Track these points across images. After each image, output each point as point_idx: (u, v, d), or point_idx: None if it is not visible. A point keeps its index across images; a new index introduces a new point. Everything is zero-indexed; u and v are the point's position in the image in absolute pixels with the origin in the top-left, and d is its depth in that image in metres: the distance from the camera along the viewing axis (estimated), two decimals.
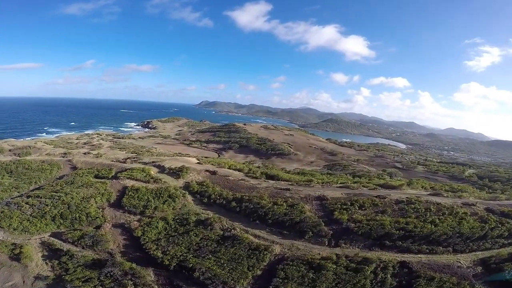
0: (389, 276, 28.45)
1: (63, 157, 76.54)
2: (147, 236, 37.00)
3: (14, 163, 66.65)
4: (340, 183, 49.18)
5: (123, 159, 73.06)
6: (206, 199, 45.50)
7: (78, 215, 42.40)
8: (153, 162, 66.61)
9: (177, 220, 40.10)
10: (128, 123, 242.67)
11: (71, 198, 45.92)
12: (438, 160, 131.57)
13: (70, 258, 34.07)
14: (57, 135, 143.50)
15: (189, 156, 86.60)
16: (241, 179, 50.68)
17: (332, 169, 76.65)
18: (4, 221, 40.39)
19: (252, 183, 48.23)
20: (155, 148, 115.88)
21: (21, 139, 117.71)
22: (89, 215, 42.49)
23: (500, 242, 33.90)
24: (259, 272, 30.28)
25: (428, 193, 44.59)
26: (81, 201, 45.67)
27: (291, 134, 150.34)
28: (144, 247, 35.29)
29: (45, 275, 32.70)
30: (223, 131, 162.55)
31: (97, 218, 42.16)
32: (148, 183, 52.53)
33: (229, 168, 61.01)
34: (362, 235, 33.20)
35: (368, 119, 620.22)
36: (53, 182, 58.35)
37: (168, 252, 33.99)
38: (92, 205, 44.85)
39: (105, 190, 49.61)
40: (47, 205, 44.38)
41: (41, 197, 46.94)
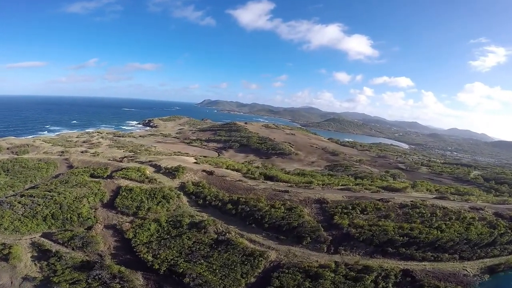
0: (390, 285, 26.82)
1: (60, 155, 75.76)
2: (138, 238, 35.73)
3: (11, 162, 65.71)
4: (342, 185, 47.29)
5: (120, 158, 71.97)
6: (201, 200, 43.94)
7: (69, 215, 41.23)
8: (150, 161, 65.27)
9: (170, 222, 38.71)
10: (129, 122, 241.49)
11: (64, 198, 44.71)
12: (442, 161, 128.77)
13: (58, 259, 33.18)
14: (58, 133, 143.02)
15: (188, 155, 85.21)
16: (239, 180, 48.99)
17: (333, 169, 74.58)
18: None
19: (250, 184, 46.52)
20: (155, 146, 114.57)
21: (22, 138, 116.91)
22: (80, 215, 41.35)
23: (509, 249, 32.33)
24: (253, 280, 28.70)
25: (434, 196, 42.56)
26: (73, 201, 44.44)
27: (292, 134, 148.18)
28: (135, 249, 34.11)
29: (33, 276, 31.88)
30: (224, 130, 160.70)
31: (88, 218, 41.08)
32: (143, 183, 51.14)
33: (227, 168, 59.38)
34: (364, 241, 31.38)
35: (370, 119, 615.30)
36: (48, 181, 57.44)
37: (159, 255, 32.76)
38: (84, 205, 43.63)
39: (98, 190, 48.34)
40: (39, 204, 43.19)
41: (34, 197, 45.73)
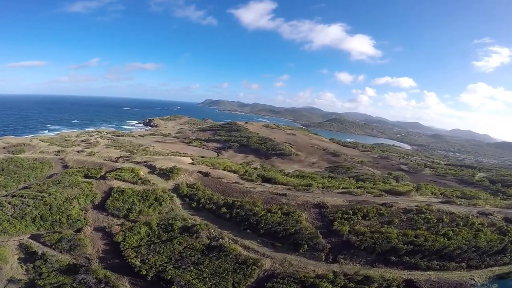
0: None
1: (56, 155, 74.90)
2: (127, 242, 34.21)
3: (6, 161, 64.65)
4: (342, 188, 45.14)
5: (115, 158, 70.52)
6: (195, 203, 42.06)
7: (58, 217, 39.94)
8: (145, 161, 63.65)
9: (162, 226, 37.03)
10: (130, 121, 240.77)
11: (54, 198, 43.42)
12: (445, 162, 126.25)
13: (44, 262, 31.98)
14: (58, 132, 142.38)
15: (185, 156, 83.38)
16: (235, 182, 47.03)
17: (334, 171, 72.30)
18: None
19: (246, 187, 44.52)
20: (153, 146, 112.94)
21: (21, 137, 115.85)
22: (69, 217, 39.98)
23: None
24: None
25: (440, 200, 40.34)
26: (63, 202, 43.09)
27: (293, 134, 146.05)
28: (123, 254, 32.62)
29: (18, 278, 30.77)
30: (224, 129, 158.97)
31: (78, 220, 39.68)
32: (136, 184, 49.48)
33: (223, 169, 57.43)
34: (365, 249, 29.28)
35: (372, 119, 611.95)
36: (42, 181, 56.41)
37: (147, 260, 31.21)
38: (74, 206, 42.26)
39: (90, 191, 46.94)
40: (28, 205, 41.81)
41: (24, 197, 44.38)
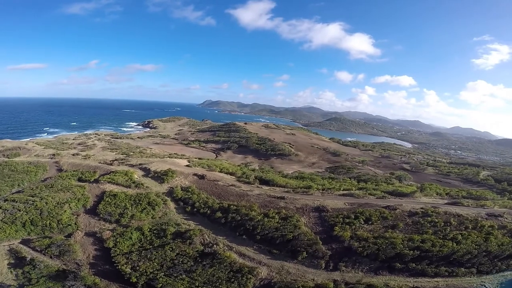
0: None
1: (51, 158, 73.46)
2: (118, 248, 32.86)
3: (0, 165, 63.34)
4: (343, 190, 43.18)
5: (110, 161, 69.01)
6: (189, 207, 40.28)
7: (49, 222, 38.71)
8: (140, 164, 61.92)
9: (154, 231, 35.50)
10: (129, 123, 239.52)
11: (45, 203, 42.11)
12: (447, 161, 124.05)
13: (33, 268, 31.06)
14: (56, 135, 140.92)
15: (182, 158, 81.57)
16: (231, 185, 45.17)
17: (335, 172, 70.21)
18: None
19: (243, 190, 42.65)
20: (150, 148, 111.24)
21: (18, 140, 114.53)
22: (60, 222, 38.80)
23: None
24: None
25: (446, 201, 38.34)
26: (54, 206, 41.80)
27: (292, 134, 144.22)
28: (114, 260, 31.37)
29: (8, 284, 30.03)
30: (223, 130, 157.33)
31: (68, 225, 38.51)
32: (129, 188, 47.93)
33: (220, 171, 55.58)
34: (368, 256, 27.38)
35: (372, 118, 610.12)
36: (35, 185, 55.04)
37: (138, 267, 29.85)
38: (65, 211, 40.97)
39: (82, 195, 45.57)
40: (19, 210, 40.55)
41: (16, 201, 43.14)
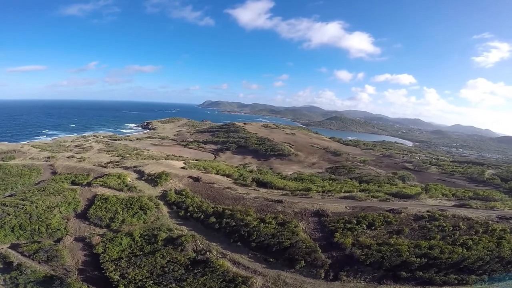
0: None
1: (46, 161, 72.56)
2: (107, 254, 31.61)
3: None
4: (344, 192, 41.15)
5: (105, 163, 67.58)
6: (183, 211, 38.52)
7: (38, 226, 37.80)
8: (135, 166, 60.31)
9: (145, 237, 34.03)
10: (128, 124, 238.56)
11: (35, 207, 41.27)
12: (450, 159, 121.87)
13: (20, 273, 29.98)
14: (55, 137, 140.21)
15: (178, 160, 79.81)
16: (227, 187, 43.25)
17: (335, 172, 68.02)
18: None
19: (239, 193, 40.70)
20: (148, 150, 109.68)
21: (15, 143, 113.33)
22: (49, 226, 37.91)
23: None
24: None
25: (453, 203, 36.21)
26: (44, 210, 40.89)
27: (292, 133, 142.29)
28: (102, 266, 30.13)
29: None
30: (222, 131, 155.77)
31: (58, 230, 37.62)
32: (122, 191, 46.58)
33: (217, 173, 53.63)
34: (371, 265, 25.31)
35: (372, 117, 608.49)
36: (28, 188, 54.27)
37: (127, 274, 28.41)
38: (55, 215, 40.05)
39: (73, 198, 44.63)
40: (8, 214, 39.86)
41: (6, 205, 42.34)
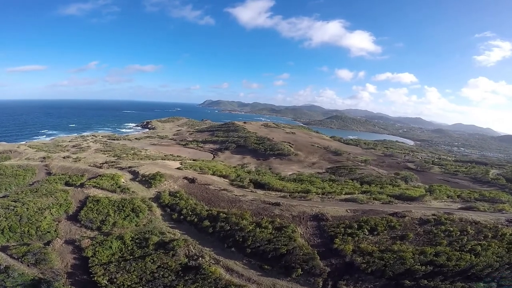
0: None
1: (41, 161, 71.62)
2: (97, 258, 30.72)
3: None
4: (345, 194, 39.40)
5: (100, 163, 66.29)
6: (176, 214, 37.05)
7: (27, 228, 36.94)
8: (130, 167, 58.95)
9: (136, 240, 32.83)
10: (128, 124, 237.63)
11: (26, 209, 40.32)
12: (453, 159, 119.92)
13: (7, 276, 29.04)
14: (53, 137, 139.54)
15: (176, 160, 78.30)
16: (223, 189, 41.64)
17: (336, 172, 66.08)
18: None
19: (236, 195, 39.09)
20: (146, 150, 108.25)
21: (11, 143, 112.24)
22: (39, 228, 37.14)
23: None
24: None
25: (459, 206, 34.44)
26: (35, 212, 39.98)
27: (292, 132, 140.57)
28: (90, 270, 29.23)
29: None
30: (222, 130, 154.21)
31: (48, 232, 36.81)
32: (115, 192, 45.52)
33: (213, 174, 52.00)
34: (372, 273, 23.61)
35: (373, 116, 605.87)
36: (22, 189, 53.39)
37: (115, 279, 27.39)
38: (45, 217, 39.24)
39: (64, 200, 43.63)
40: None
41: None
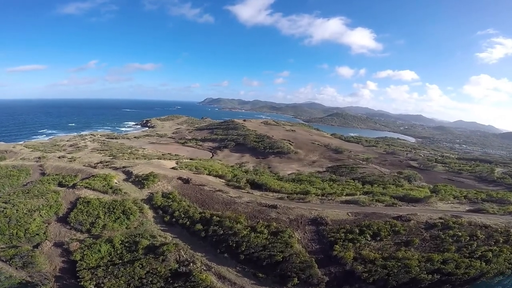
0: None
1: (36, 161, 70.37)
2: (85, 261, 29.80)
3: None
4: (346, 195, 37.43)
5: (94, 163, 64.84)
6: (168, 216, 35.46)
7: (16, 230, 36.15)
8: (124, 167, 57.42)
9: (126, 244, 31.62)
10: (127, 122, 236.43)
11: (16, 210, 39.60)
12: (455, 156, 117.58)
13: None
14: (52, 137, 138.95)
15: (171, 159, 76.56)
16: (218, 190, 39.85)
17: (336, 172, 63.84)
18: None
19: (231, 196, 37.27)
20: (144, 148, 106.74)
21: (8, 143, 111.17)
22: (27, 231, 36.23)
23: None
24: None
25: (467, 208, 32.48)
26: (24, 214, 39.25)
27: (292, 130, 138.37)
28: (78, 274, 28.39)
29: None
30: (221, 128, 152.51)
31: (36, 235, 35.99)
32: (106, 194, 44.15)
33: (209, 174, 50.19)
34: (374, 282, 21.78)
35: (374, 113, 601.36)
36: (14, 190, 52.02)
37: (102, 285, 26.63)
38: (35, 219, 38.42)
39: (55, 201, 42.65)
40: None
41: None
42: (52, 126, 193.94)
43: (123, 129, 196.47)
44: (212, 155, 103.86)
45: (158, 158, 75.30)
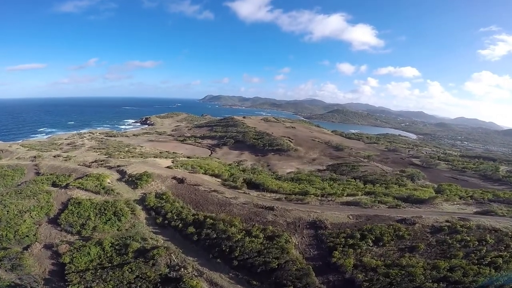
0: None
1: (32, 161, 69.24)
2: (74, 264, 28.99)
3: None
4: (347, 196, 35.83)
5: (89, 162, 63.66)
6: (161, 218, 34.06)
7: (6, 232, 35.26)
8: (118, 166, 56.11)
9: (116, 246, 30.54)
10: (127, 120, 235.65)
11: (7, 212, 38.65)
12: (458, 154, 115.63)
13: None
14: (51, 135, 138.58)
15: (170, 157, 75.23)
16: (214, 190, 38.30)
17: (337, 170, 62.12)
18: None
19: (226, 197, 35.72)
20: (142, 146, 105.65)
21: (9, 142, 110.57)
22: (17, 232, 35.41)
23: None
24: None
25: (474, 210, 30.83)
26: (15, 215, 38.35)
27: (292, 127, 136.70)
28: (66, 278, 27.56)
29: None
30: (221, 125, 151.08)
31: (26, 236, 35.23)
32: (98, 194, 42.79)
33: (205, 173, 48.67)
34: None
35: (375, 109, 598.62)
36: (8, 190, 50.91)
37: None
38: (25, 220, 37.50)
39: (46, 202, 41.59)
40: None
41: None
42: (51, 125, 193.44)
43: (122, 127, 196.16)
44: (211, 153, 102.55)
45: (154, 157, 73.94)
